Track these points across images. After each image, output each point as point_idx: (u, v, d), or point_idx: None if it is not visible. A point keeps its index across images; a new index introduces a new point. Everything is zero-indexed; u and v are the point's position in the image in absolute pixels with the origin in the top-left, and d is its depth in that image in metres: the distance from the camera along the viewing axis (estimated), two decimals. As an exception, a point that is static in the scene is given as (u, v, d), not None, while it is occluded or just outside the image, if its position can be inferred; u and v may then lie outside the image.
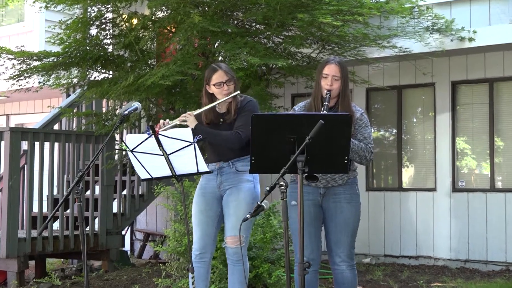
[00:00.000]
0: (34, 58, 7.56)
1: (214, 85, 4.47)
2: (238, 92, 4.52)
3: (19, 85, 7.83)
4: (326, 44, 7.47)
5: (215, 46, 7.22)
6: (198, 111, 4.45)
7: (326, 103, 4.18)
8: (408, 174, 8.84)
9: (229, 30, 7.04)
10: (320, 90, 4.28)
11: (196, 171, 4.11)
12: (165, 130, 4.25)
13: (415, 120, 8.92)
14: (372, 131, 8.14)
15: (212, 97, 4.53)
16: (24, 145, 7.69)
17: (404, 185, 8.75)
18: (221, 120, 4.50)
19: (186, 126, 4.38)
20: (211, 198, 4.54)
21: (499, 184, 8.13)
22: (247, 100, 4.57)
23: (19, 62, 7.60)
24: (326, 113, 4.16)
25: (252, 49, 6.79)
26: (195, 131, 4.30)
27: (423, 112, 8.79)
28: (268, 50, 6.95)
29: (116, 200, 8.40)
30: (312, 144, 3.51)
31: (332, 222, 4.30)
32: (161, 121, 4.36)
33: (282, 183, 3.49)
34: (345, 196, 4.29)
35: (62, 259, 9.30)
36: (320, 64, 4.36)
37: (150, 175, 4.16)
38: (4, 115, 12.37)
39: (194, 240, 4.54)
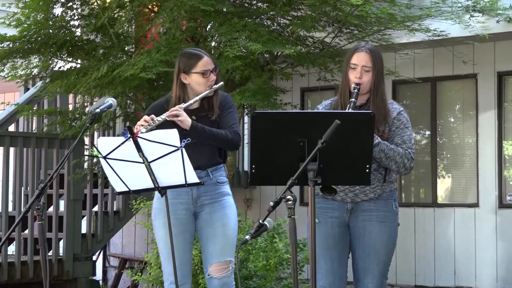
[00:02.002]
0: (-15, 43, 7.58)
1: (200, 73, 4.46)
2: (222, 83, 4.55)
3: (-34, 77, 7.85)
4: (344, 27, 7.47)
5: (207, 29, 7.23)
6: (187, 104, 4.44)
7: (353, 99, 4.17)
8: (444, 186, 8.84)
9: (225, 10, 7.05)
10: (348, 84, 4.28)
11: (184, 183, 4.11)
12: (151, 130, 4.26)
13: (452, 119, 8.93)
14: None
15: (185, 90, 4.53)
16: (-27, 151, 7.70)
17: (440, 200, 8.75)
18: (194, 117, 4.51)
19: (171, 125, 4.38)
20: (185, 216, 4.52)
21: (556, 199, 8.14)
22: (225, 95, 4.63)
23: (-34, 48, 7.62)
24: (343, 111, 4.17)
25: (253, 33, 6.80)
26: (191, 130, 4.31)
27: (462, 110, 8.80)
28: (272, 34, 6.96)
29: (85, 218, 8.40)
30: (326, 150, 3.52)
31: (360, 246, 4.30)
32: (145, 117, 4.35)
33: (289, 197, 3.49)
34: (377, 214, 4.29)
35: (19, 291, 9.30)
36: (348, 53, 4.36)
37: (128, 188, 4.16)
38: None
39: (167, 271, 4.49)
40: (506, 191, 8.38)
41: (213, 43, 7.33)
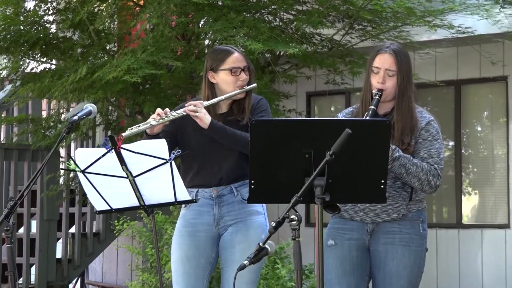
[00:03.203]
0: None
1: (228, 70, 4.48)
2: (256, 85, 4.55)
3: None
4: (355, 23, 7.50)
5: (200, 26, 7.25)
6: (211, 101, 4.44)
7: (372, 107, 4.20)
8: (470, 204, 8.84)
9: (220, 3, 7.07)
10: (370, 90, 4.31)
11: (173, 200, 4.12)
12: (163, 123, 4.28)
13: (479, 128, 8.93)
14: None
15: (214, 91, 4.54)
16: None
17: (465, 220, 8.75)
18: (221, 122, 4.51)
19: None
20: (205, 239, 4.52)
21: None
22: (258, 98, 4.63)
23: None
24: (355, 119, 4.18)
25: (252, 30, 6.82)
26: (210, 129, 4.32)
27: (491, 117, 8.81)
28: (274, 31, 6.98)
29: (61, 240, 8.39)
30: (336, 163, 3.53)
31: (381, 272, 4.30)
32: (158, 109, 4.33)
33: (293, 216, 3.49)
34: (401, 237, 4.29)
35: (-16, 324, 9.29)
36: (370, 55, 4.39)
37: (109, 206, 4.17)
38: None
39: None
40: (541, 210, 8.39)
41: (206, 41, 7.34)
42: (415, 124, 4.31)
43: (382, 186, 3.71)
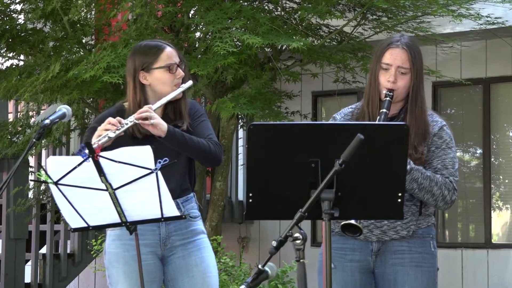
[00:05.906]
0: None
1: (164, 67, 4.45)
2: (191, 81, 4.55)
3: None
4: (368, 12, 7.51)
5: (190, 16, 7.26)
6: (159, 104, 4.42)
7: (384, 110, 4.20)
8: (501, 221, 8.84)
9: (213, -10, 7.10)
10: (378, 89, 4.32)
11: (159, 216, 4.13)
12: (119, 134, 4.25)
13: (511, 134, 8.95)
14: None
15: (146, 94, 4.53)
16: None
17: (495, 239, 8.74)
18: None
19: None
20: (152, 262, 4.52)
21: None
22: (192, 101, 4.65)
23: None
24: (369, 123, 4.19)
25: (250, 21, 6.83)
26: (168, 138, 4.30)
27: (524, 121, 8.82)
28: (275, 22, 6.99)
29: (30, 262, 8.39)
30: (346, 173, 3.54)
31: None
32: (110, 119, 4.29)
33: (297, 235, 3.50)
34: (411, 257, 4.32)
35: None
36: (378, 47, 4.38)
37: (86, 223, 4.18)
38: None
39: None
40: None
41: (197, 34, 7.35)
42: (427, 130, 4.32)
43: (399, 200, 3.71)
